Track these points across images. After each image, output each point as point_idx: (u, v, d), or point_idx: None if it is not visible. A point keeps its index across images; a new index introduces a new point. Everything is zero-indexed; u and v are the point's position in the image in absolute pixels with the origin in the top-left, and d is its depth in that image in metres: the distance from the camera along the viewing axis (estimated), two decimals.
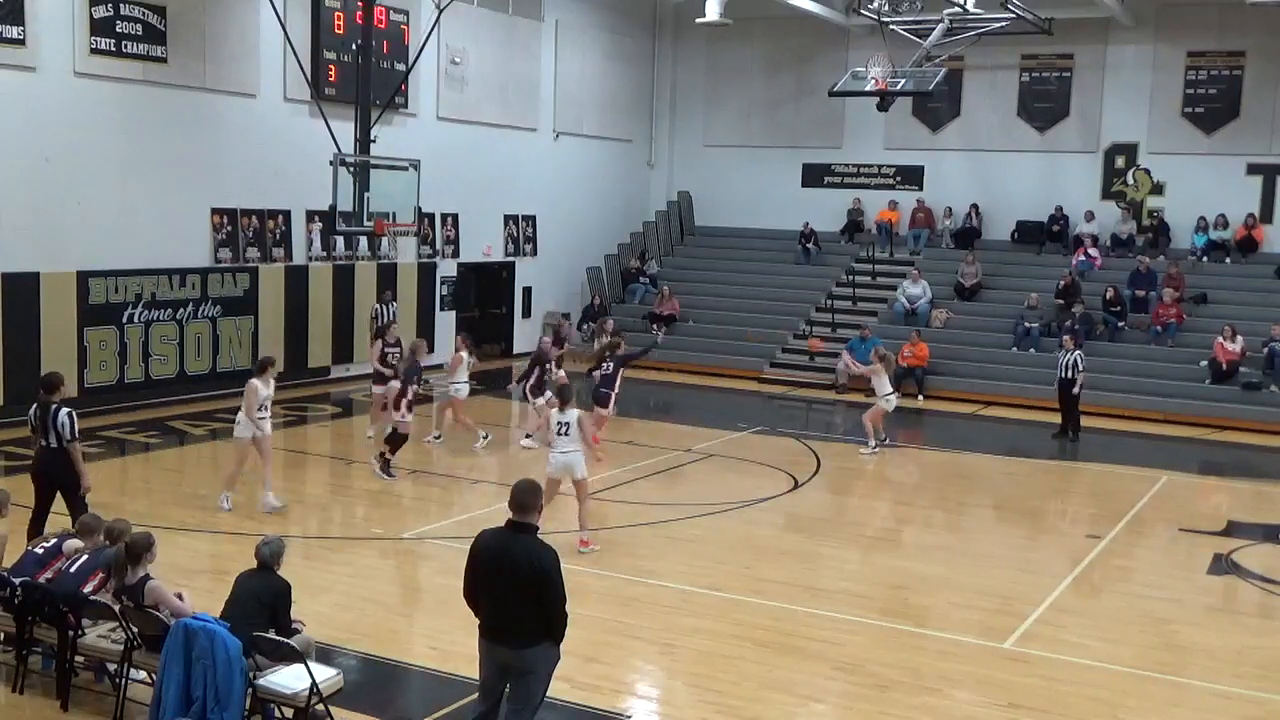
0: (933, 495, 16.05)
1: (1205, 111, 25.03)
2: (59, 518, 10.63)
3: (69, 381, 16.83)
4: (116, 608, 7.79)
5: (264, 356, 13.81)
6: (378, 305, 21.53)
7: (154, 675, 7.56)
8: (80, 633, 8.09)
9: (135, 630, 7.73)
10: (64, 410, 10.42)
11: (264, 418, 12.94)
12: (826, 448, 18.04)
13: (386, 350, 17.00)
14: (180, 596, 7.93)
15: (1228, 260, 24.58)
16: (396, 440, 14.82)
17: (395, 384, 15.45)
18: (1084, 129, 26.10)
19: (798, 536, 13.32)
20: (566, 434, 12.14)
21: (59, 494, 10.61)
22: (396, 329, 17.91)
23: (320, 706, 7.37)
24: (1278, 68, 24.35)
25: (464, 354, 16.82)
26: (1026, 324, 23.44)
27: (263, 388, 12.89)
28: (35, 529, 10.30)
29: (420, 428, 16.76)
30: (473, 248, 25.01)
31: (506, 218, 25.99)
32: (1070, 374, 18.90)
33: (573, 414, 12.22)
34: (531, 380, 17.20)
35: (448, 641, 9.34)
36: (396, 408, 14.92)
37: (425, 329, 22.74)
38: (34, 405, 10.60)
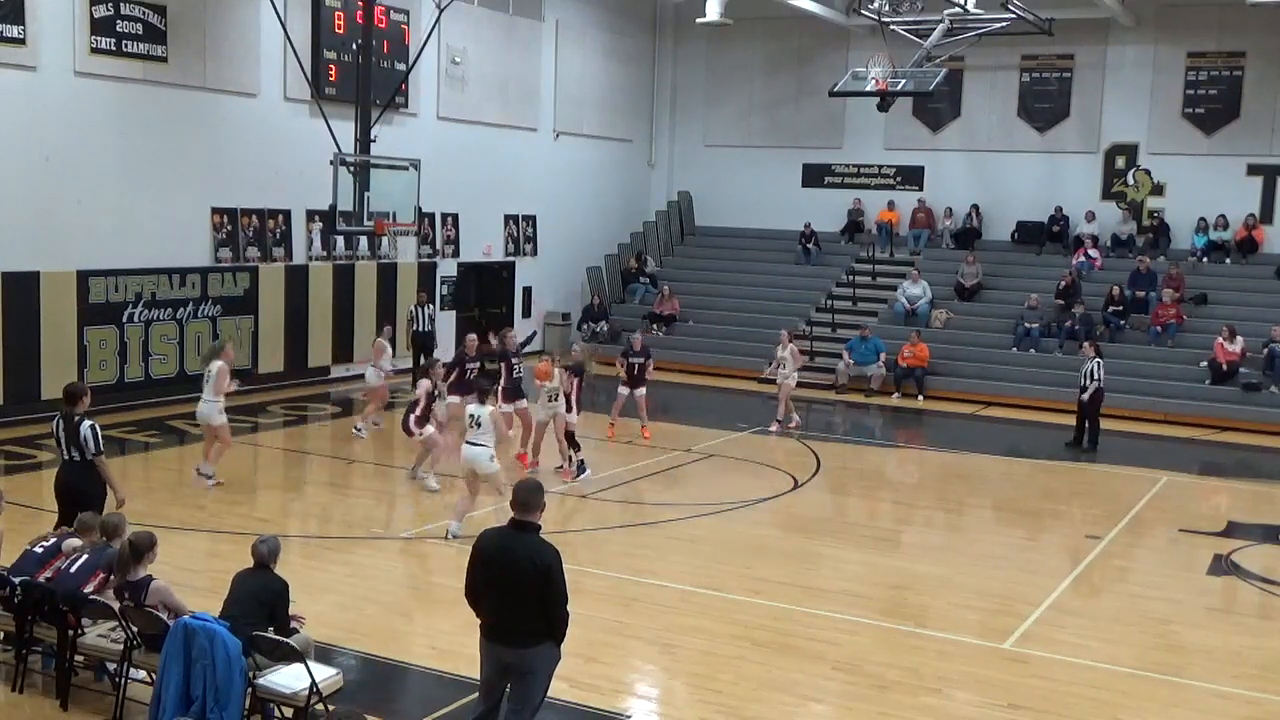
0: (933, 495, 16.06)
1: (1205, 112, 25.02)
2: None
3: (68, 381, 17.05)
4: (116, 606, 7.79)
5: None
6: (413, 308, 21.57)
7: (154, 675, 7.56)
8: (80, 632, 8.09)
9: (135, 630, 7.74)
10: (86, 423, 9.97)
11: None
12: (826, 448, 18.04)
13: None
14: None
15: (1228, 261, 24.57)
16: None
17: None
18: (1084, 129, 26.10)
19: (798, 536, 13.32)
20: None
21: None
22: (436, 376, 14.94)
23: (320, 706, 7.37)
24: (1278, 68, 24.34)
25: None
26: (1026, 324, 23.42)
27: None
28: None
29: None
30: (473, 247, 25.01)
31: (506, 218, 26.00)
32: (1085, 382, 18.66)
33: None
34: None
35: (448, 641, 9.35)
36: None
37: None
38: (56, 417, 10.23)
